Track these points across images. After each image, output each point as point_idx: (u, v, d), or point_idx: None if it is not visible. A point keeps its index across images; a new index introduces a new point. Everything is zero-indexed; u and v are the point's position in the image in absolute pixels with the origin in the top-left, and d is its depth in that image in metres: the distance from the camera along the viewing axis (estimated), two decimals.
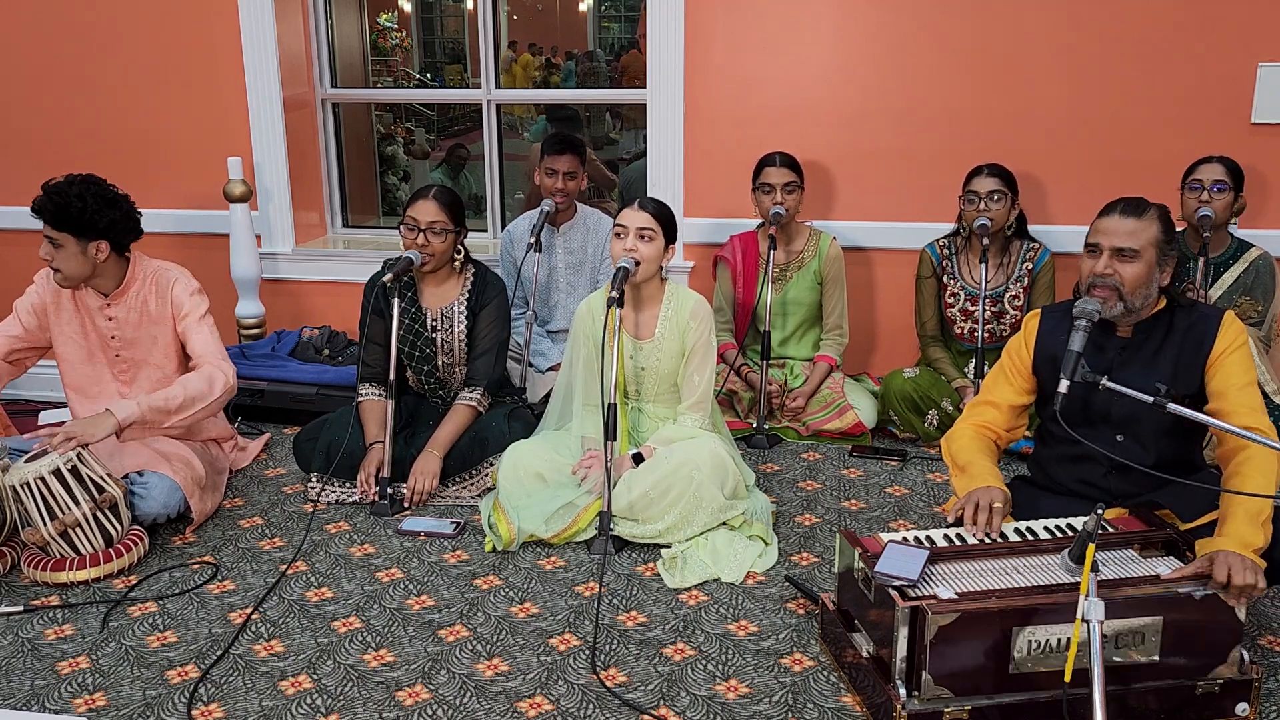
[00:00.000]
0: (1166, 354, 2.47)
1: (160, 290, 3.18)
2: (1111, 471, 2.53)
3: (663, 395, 3.21)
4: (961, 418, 2.72)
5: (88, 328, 3.19)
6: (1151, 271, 2.42)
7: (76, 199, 2.95)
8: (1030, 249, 3.69)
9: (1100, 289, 2.42)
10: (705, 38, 4.01)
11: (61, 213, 2.95)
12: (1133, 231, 2.41)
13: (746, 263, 3.88)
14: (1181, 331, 2.47)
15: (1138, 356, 2.50)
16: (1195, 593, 2.09)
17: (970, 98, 3.90)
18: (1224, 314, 2.47)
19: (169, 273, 3.21)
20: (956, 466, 2.58)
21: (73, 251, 2.99)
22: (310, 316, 4.53)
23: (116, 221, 3.02)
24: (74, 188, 2.96)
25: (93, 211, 2.96)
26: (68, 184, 2.97)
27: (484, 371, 3.33)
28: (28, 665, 2.41)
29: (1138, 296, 2.43)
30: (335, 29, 4.82)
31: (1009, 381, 2.65)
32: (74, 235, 2.97)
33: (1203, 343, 2.45)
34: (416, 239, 3.22)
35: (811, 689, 2.31)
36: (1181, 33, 3.72)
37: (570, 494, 3.00)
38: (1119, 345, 2.51)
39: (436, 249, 3.24)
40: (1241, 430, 2.21)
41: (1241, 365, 2.41)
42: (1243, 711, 2.14)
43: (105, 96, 4.40)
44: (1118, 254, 2.41)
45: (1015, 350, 2.65)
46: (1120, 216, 2.43)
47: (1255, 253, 3.53)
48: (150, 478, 2.98)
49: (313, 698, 2.28)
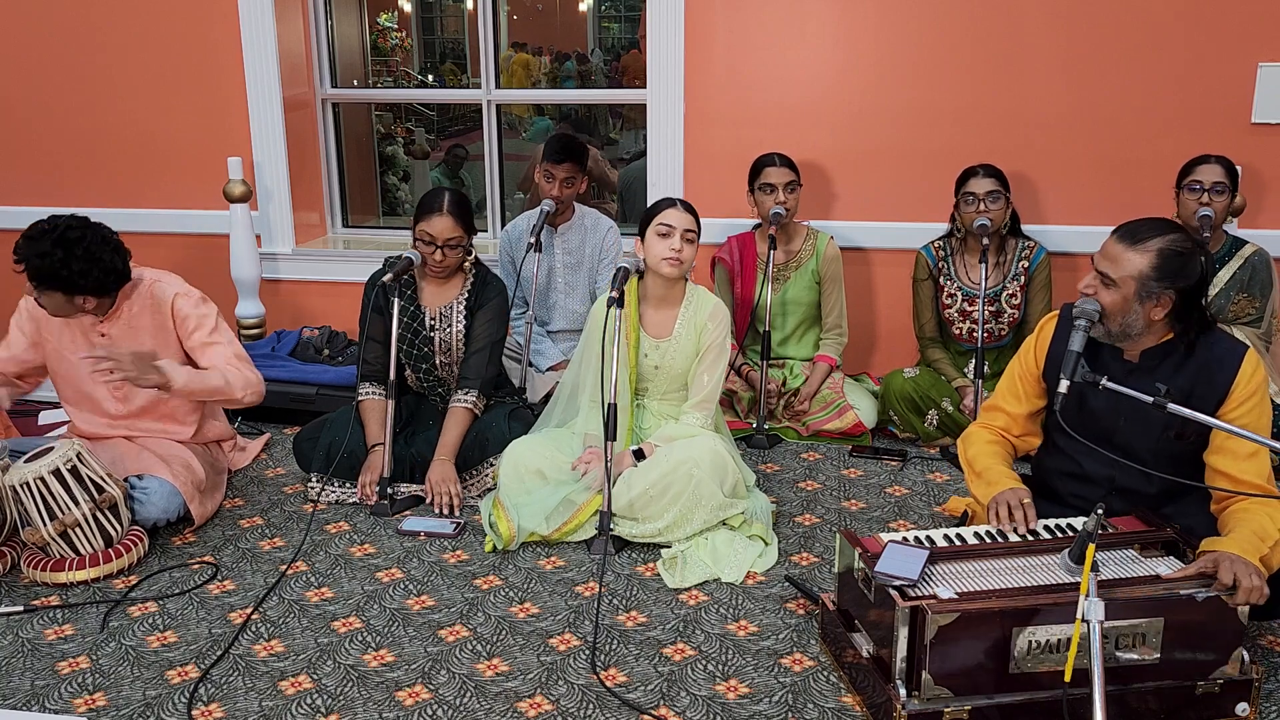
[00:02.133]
0: (1178, 384, 2.35)
1: (157, 304, 3.08)
2: (1112, 493, 2.50)
3: (671, 393, 3.21)
4: (978, 419, 2.72)
5: (80, 345, 3.08)
6: (1129, 304, 2.32)
7: (61, 265, 2.81)
8: (1026, 247, 3.69)
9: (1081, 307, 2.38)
10: (705, 38, 4.01)
11: (46, 276, 2.84)
12: (1116, 259, 2.33)
13: (745, 263, 3.88)
14: (1196, 366, 2.37)
15: (1143, 383, 2.34)
16: (1198, 595, 2.09)
17: (970, 98, 3.90)
18: (1245, 353, 2.36)
19: (165, 285, 3.11)
20: (973, 471, 2.57)
21: (60, 299, 2.91)
22: (310, 316, 4.53)
23: (103, 278, 2.91)
24: (58, 250, 2.80)
25: (78, 275, 2.84)
26: (53, 243, 2.80)
27: (477, 370, 3.31)
28: (28, 665, 2.41)
29: (1114, 323, 2.35)
30: (335, 29, 4.82)
31: (1019, 385, 2.63)
32: (61, 291, 2.88)
33: (1220, 378, 2.35)
34: (434, 255, 3.20)
35: (811, 689, 2.31)
36: (1181, 33, 3.72)
37: (570, 489, 3.00)
38: (1125, 369, 2.43)
39: (452, 263, 3.24)
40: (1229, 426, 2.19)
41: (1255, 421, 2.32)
42: (1243, 711, 2.14)
43: (105, 96, 4.41)
44: (1100, 275, 2.36)
45: (1026, 354, 2.62)
46: (1115, 240, 2.36)
47: (1250, 249, 3.53)
48: (150, 482, 2.96)
49: (313, 698, 2.28)
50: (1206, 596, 2.09)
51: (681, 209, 3.08)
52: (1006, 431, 2.64)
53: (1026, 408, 2.62)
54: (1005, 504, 2.38)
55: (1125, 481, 2.46)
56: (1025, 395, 2.62)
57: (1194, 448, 2.40)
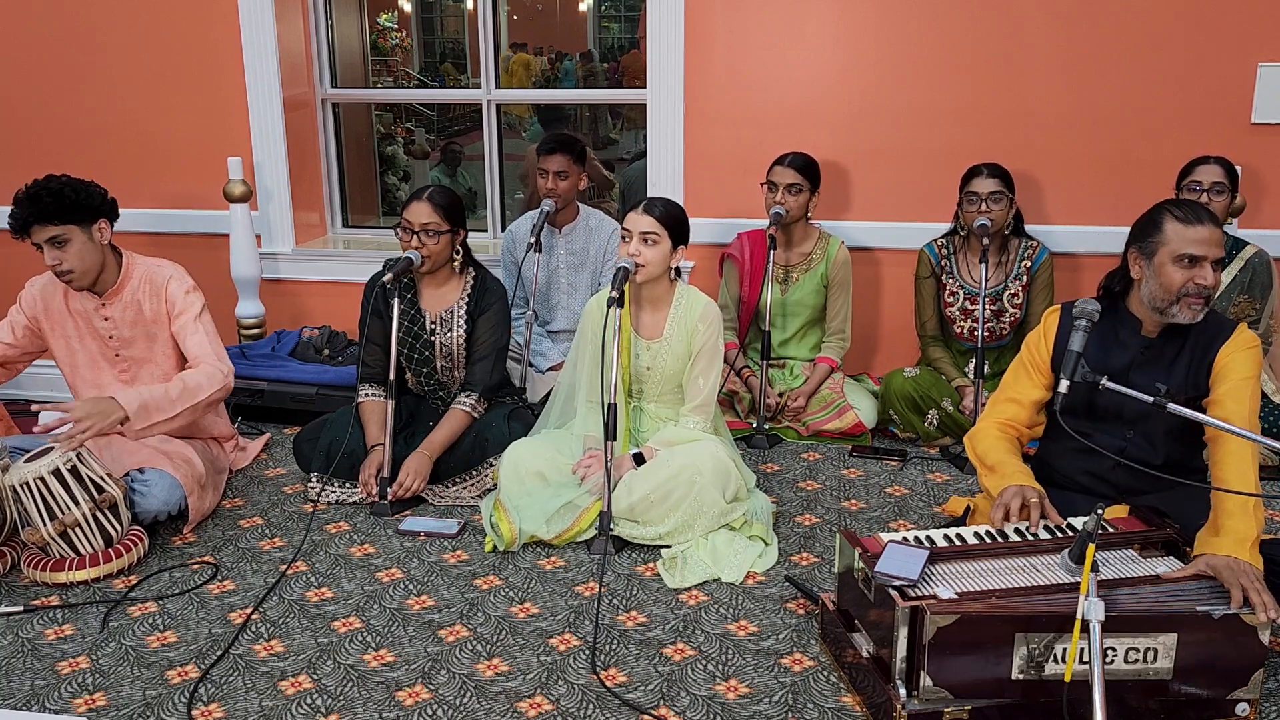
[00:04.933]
0: (1183, 358, 2.49)
1: (155, 288, 3.17)
2: (1119, 466, 2.54)
3: (666, 396, 3.21)
4: (983, 415, 2.72)
5: (83, 331, 3.18)
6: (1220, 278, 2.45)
7: (66, 187, 2.95)
8: (1028, 247, 3.69)
9: (1196, 298, 2.40)
10: (705, 38, 4.01)
11: (60, 202, 2.94)
12: (1221, 240, 2.41)
13: (755, 261, 3.87)
14: (1195, 337, 2.49)
15: (1159, 359, 2.51)
16: (1215, 612, 2.07)
17: (970, 98, 3.90)
18: (1238, 324, 2.50)
19: (163, 270, 3.20)
20: (985, 466, 2.58)
21: (80, 242, 3.00)
22: (310, 316, 4.52)
23: (104, 195, 3.05)
24: (51, 181, 2.96)
25: (84, 191, 2.99)
26: (45, 181, 2.96)
27: (481, 378, 3.32)
28: (28, 665, 2.41)
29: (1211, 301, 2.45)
30: (335, 29, 4.82)
31: (1029, 376, 2.65)
32: (77, 223, 2.98)
33: (1212, 346, 2.47)
34: (411, 242, 3.21)
35: (811, 689, 2.31)
36: (1181, 33, 3.72)
37: (571, 494, 3.00)
38: (1143, 344, 2.52)
39: (432, 250, 3.23)
40: (1238, 430, 2.23)
41: (1244, 362, 2.42)
42: (1243, 712, 2.14)
43: (105, 96, 4.40)
44: (1216, 264, 2.40)
45: (1035, 345, 2.65)
46: (1210, 226, 2.40)
47: (1251, 251, 3.53)
48: (151, 475, 2.98)
49: (313, 698, 2.28)
50: (1224, 614, 2.07)
51: (643, 211, 3.01)
52: (1015, 421, 2.65)
53: (1038, 395, 2.64)
54: (1007, 505, 2.38)
55: (1132, 451, 2.51)
56: (1037, 384, 2.64)
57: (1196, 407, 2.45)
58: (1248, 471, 2.27)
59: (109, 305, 3.15)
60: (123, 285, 3.15)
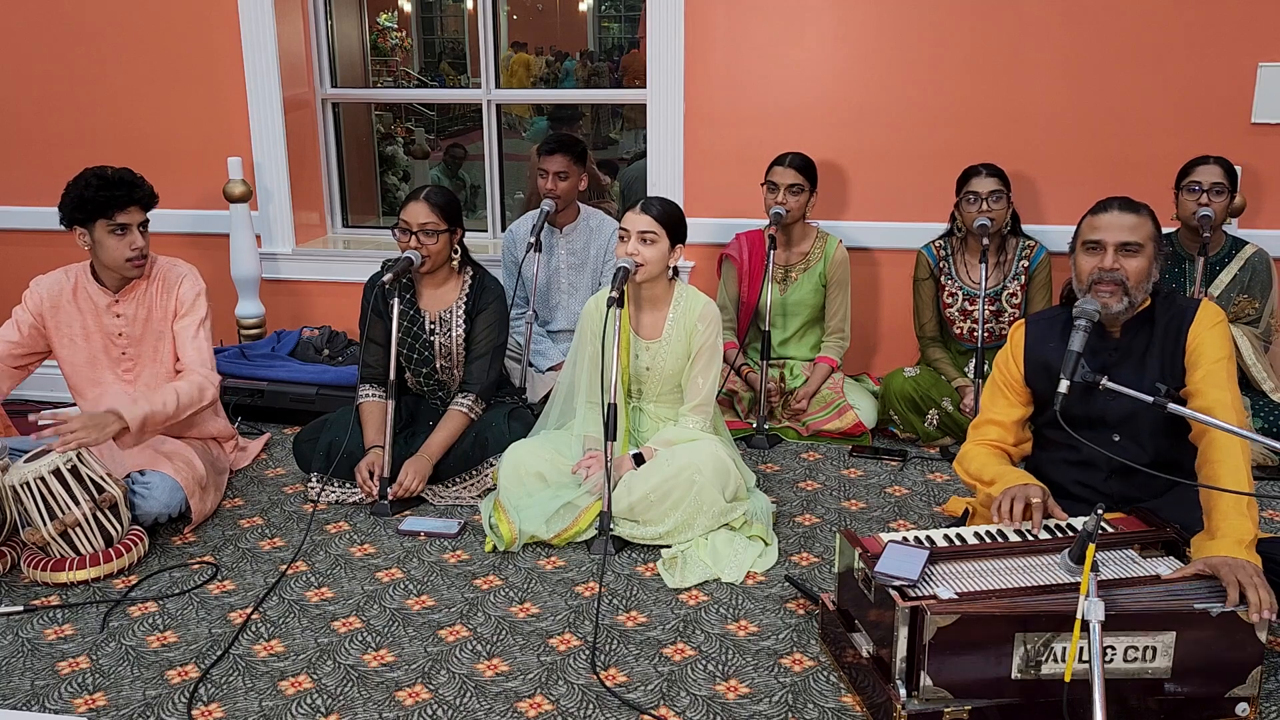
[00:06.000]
0: (1154, 350, 2.49)
1: (168, 285, 3.18)
2: (1112, 475, 2.53)
3: (665, 396, 3.21)
4: (967, 440, 2.71)
5: (91, 328, 3.16)
6: (1151, 265, 2.45)
7: (128, 173, 3.03)
8: (1026, 247, 3.69)
9: (1105, 285, 2.41)
10: (705, 38, 4.02)
11: (142, 189, 3.04)
12: (1134, 226, 2.43)
13: (753, 261, 3.88)
14: (1163, 325, 2.49)
15: (1130, 357, 2.50)
16: (1212, 610, 2.07)
17: (970, 98, 3.90)
18: (1200, 301, 2.50)
19: (178, 269, 3.21)
20: (982, 483, 2.55)
21: (144, 225, 3.08)
22: (310, 316, 4.53)
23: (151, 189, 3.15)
24: (117, 170, 3.03)
25: (140, 182, 3.08)
26: (111, 170, 3.03)
27: (479, 377, 3.32)
28: (28, 665, 2.41)
29: (1140, 291, 2.44)
30: (335, 29, 4.82)
31: (1004, 397, 2.65)
32: (139, 205, 3.05)
33: (1181, 329, 2.46)
34: (410, 242, 3.21)
35: (811, 689, 2.31)
36: (1181, 33, 3.72)
37: (571, 494, 3.00)
38: (1111, 347, 2.52)
39: (431, 250, 3.22)
40: (1230, 427, 2.21)
41: (1214, 343, 2.41)
42: (1243, 712, 2.14)
43: (106, 97, 4.41)
44: (1122, 249, 2.42)
45: (1004, 365, 2.65)
46: (1120, 212, 2.45)
47: (1250, 250, 3.54)
48: (152, 477, 2.98)
49: (313, 698, 2.28)
50: (1221, 611, 2.07)
51: (641, 210, 3.01)
52: (1001, 442, 2.64)
53: (1017, 414, 2.64)
54: (1010, 499, 2.36)
55: (1121, 454, 2.48)
56: (1014, 403, 2.64)
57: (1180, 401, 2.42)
58: (1240, 469, 2.25)
59: (122, 302, 3.14)
60: (140, 281, 3.15)
